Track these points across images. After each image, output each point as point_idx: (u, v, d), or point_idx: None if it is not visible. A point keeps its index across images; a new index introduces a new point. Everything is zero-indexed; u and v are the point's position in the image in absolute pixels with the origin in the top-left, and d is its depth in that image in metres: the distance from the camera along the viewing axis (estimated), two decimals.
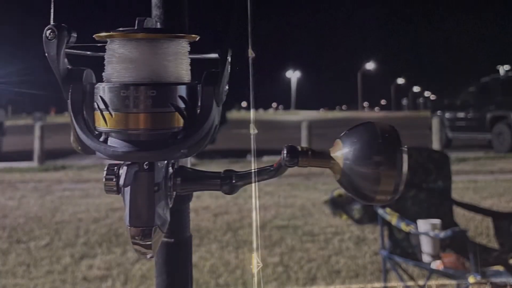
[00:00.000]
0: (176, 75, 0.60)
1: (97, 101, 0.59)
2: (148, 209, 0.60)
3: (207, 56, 0.66)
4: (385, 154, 0.57)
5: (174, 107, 0.59)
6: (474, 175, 8.22)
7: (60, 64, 0.60)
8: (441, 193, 3.23)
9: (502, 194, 6.51)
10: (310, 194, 6.58)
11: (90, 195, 6.68)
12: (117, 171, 0.62)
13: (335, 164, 0.60)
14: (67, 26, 0.60)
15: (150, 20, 0.62)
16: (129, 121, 0.58)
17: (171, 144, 0.59)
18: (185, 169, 0.66)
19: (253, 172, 0.64)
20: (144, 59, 0.59)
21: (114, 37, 0.59)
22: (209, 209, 5.64)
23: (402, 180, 0.58)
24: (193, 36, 0.62)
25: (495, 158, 10.70)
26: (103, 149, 0.59)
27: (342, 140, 0.60)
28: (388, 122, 0.60)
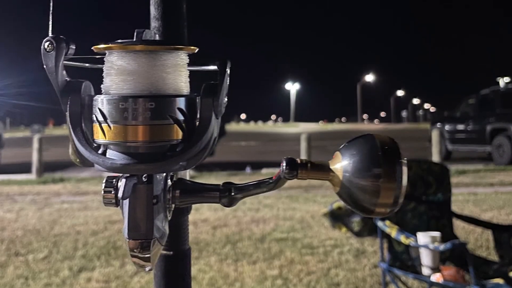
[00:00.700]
0: (175, 87, 0.60)
1: (96, 113, 0.59)
2: (146, 222, 0.60)
3: (206, 68, 0.66)
4: (385, 166, 0.57)
5: (173, 119, 0.59)
6: (474, 188, 8.21)
7: (58, 76, 0.60)
8: (441, 206, 3.22)
9: (502, 206, 6.50)
10: (309, 207, 6.57)
11: (88, 207, 6.67)
12: (116, 184, 0.62)
13: (334, 177, 0.60)
14: (65, 38, 0.60)
15: (148, 32, 0.62)
16: (127, 134, 0.58)
17: (170, 156, 0.59)
18: (184, 181, 0.66)
19: (252, 185, 0.64)
20: (143, 71, 0.59)
21: (112, 49, 0.59)
22: (208, 222, 5.63)
23: (402, 193, 0.57)
24: (192, 48, 0.62)
25: (495, 170, 10.70)
26: (102, 161, 0.58)
27: (341, 153, 0.60)
28: (387, 134, 0.60)
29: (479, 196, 7.35)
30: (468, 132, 13.37)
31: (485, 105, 12.99)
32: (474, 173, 10.09)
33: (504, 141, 12.12)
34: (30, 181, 9.48)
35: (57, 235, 5.13)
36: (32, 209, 6.58)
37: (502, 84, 14.28)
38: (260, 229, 5.33)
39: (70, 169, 10.90)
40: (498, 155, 12.25)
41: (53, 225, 5.61)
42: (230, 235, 5.06)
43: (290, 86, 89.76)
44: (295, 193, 7.68)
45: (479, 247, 4.45)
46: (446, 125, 14.23)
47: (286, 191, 7.64)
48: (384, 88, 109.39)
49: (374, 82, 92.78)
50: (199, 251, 4.48)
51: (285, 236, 5.02)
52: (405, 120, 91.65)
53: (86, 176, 9.78)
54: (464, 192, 7.62)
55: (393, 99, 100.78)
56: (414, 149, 13.93)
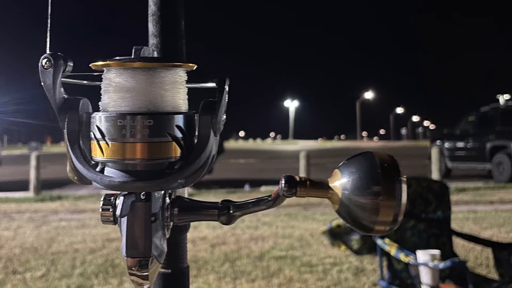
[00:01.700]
0: (173, 104, 0.60)
1: (94, 130, 0.59)
2: (145, 240, 0.60)
3: (205, 85, 0.66)
4: (384, 184, 0.56)
5: (171, 137, 0.59)
6: (473, 205, 8.19)
7: (56, 93, 0.60)
8: (441, 224, 3.21)
9: (502, 224, 6.48)
10: (308, 225, 6.55)
11: (86, 225, 6.64)
12: (114, 201, 0.62)
13: (333, 194, 0.59)
14: (63, 55, 0.60)
15: (147, 49, 0.62)
16: (126, 151, 0.58)
17: (168, 174, 0.59)
18: (182, 199, 0.66)
19: (251, 202, 0.64)
20: (141, 88, 0.59)
21: (110, 66, 0.59)
22: (206, 240, 5.61)
23: (401, 210, 0.57)
24: (190, 65, 0.62)
25: (495, 188, 10.69)
26: (100, 179, 0.58)
27: (340, 170, 0.60)
28: (387, 152, 0.59)
29: (479, 213, 7.33)
30: (468, 149, 13.36)
31: (485, 123, 12.99)
32: (474, 190, 10.08)
33: (504, 158, 12.11)
34: (27, 199, 9.45)
35: (54, 253, 5.10)
36: (29, 227, 6.55)
37: (502, 101, 14.27)
38: (258, 247, 5.31)
39: (68, 187, 10.88)
40: (498, 172, 12.24)
41: (50, 243, 5.58)
42: (229, 253, 5.04)
43: (289, 103, 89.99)
44: (294, 211, 7.66)
45: (479, 265, 4.43)
46: (446, 143, 14.23)
47: (285, 209, 7.62)
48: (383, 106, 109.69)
49: (374, 100, 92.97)
50: (198, 269, 4.46)
51: (284, 254, 5.00)
52: (404, 138, 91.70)
53: (84, 193, 9.76)
54: (464, 209, 7.60)
55: (392, 117, 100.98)
56: (414, 166, 13.93)
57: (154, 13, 0.80)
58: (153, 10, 0.80)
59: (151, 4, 0.81)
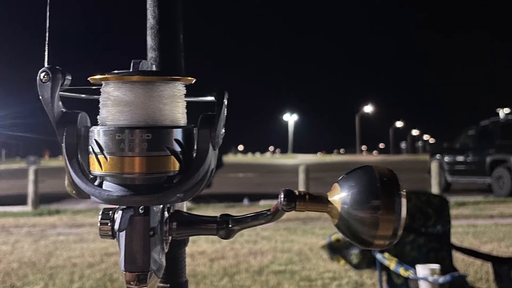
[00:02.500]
0: (172, 118, 0.60)
1: (92, 144, 0.59)
2: (143, 254, 0.59)
3: (204, 99, 0.66)
4: (384, 198, 0.56)
5: (170, 151, 0.58)
6: (473, 220, 8.18)
7: (54, 107, 0.60)
8: (440, 238, 3.20)
9: (502, 238, 6.47)
10: (308, 239, 6.53)
11: (84, 239, 6.61)
12: (112, 216, 0.62)
13: (332, 209, 0.59)
14: (61, 68, 0.60)
15: (145, 62, 0.62)
16: (124, 165, 0.57)
17: (167, 188, 0.58)
18: (181, 213, 0.66)
19: (249, 217, 0.63)
20: (140, 102, 0.58)
21: (109, 79, 0.59)
22: (205, 254, 5.58)
23: (401, 225, 0.57)
24: (189, 79, 0.62)
25: (495, 202, 10.67)
26: (98, 193, 0.58)
27: (340, 184, 0.60)
28: (386, 166, 0.59)
29: (478, 228, 7.31)
30: (468, 163, 13.34)
31: (485, 136, 12.98)
32: (474, 205, 10.06)
33: (504, 172, 12.08)
34: (25, 213, 9.42)
35: (53, 267, 5.08)
36: (27, 241, 6.53)
37: (502, 115, 14.27)
38: (257, 261, 5.29)
39: (66, 201, 10.86)
40: (498, 186, 12.21)
41: (49, 257, 5.56)
42: (228, 267, 5.02)
43: (288, 117, 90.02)
44: (293, 225, 7.64)
45: (479, 279, 4.41)
46: (446, 157, 14.22)
47: (284, 223, 7.60)
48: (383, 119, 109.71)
49: (373, 113, 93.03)
50: (196, 283, 4.43)
51: (283, 268, 4.98)
52: (404, 152, 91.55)
53: (82, 208, 9.73)
54: (463, 224, 7.59)
55: (392, 130, 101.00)
56: (413, 180, 13.92)
57: (153, 27, 0.80)
58: (152, 24, 0.80)
59: (150, 17, 0.81)
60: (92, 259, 5.39)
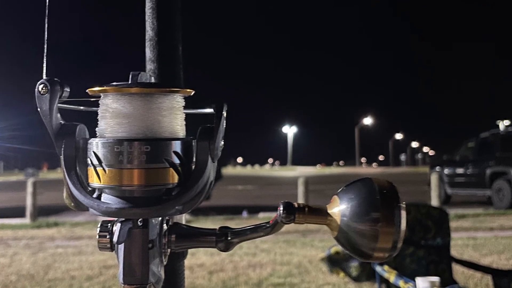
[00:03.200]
0: (171, 130, 0.60)
1: (91, 156, 0.59)
2: (142, 267, 0.59)
3: (202, 111, 0.66)
4: (383, 210, 0.56)
5: (169, 163, 0.58)
6: (473, 232, 8.16)
7: (52, 119, 0.60)
8: (440, 250, 3.19)
9: (502, 251, 6.45)
10: (307, 251, 6.51)
11: (83, 252, 6.59)
12: (111, 228, 0.61)
13: (332, 221, 0.59)
14: (59, 80, 0.60)
15: (144, 74, 0.62)
16: (123, 177, 0.57)
17: (166, 200, 0.58)
18: (180, 225, 0.65)
19: (249, 229, 0.63)
20: (138, 114, 0.58)
21: (107, 91, 0.59)
22: (204, 267, 5.56)
23: (401, 237, 0.57)
24: (188, 91, 0.62)
25: (495, 214, 10.64)
26: (97, 205, 0.58)
27: (339, 197, 0.59)
28: (386, 178, 0.59)
29: (478, 240, 7.29)
30: (468, 175, 13.32)
31: (485, 149, 12.95)
32: (474, 217, 10.04)
33: (504, 185, 12.05)
34: (24, 226, 9.39)
35: (51, 280, 5.05)
36: (26, 254, 6.50)
37: (502, 127, 14.26)
38: (257, 274, 5.27)
39: (65, 213, 10.82)
40: (498, 199, 12.17)
41: (47, 270, 5.54)
42: (227, 280, 4.99)
43: (287, 129, 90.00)
44: (292, 237, 7.61)
45: None
46: (445, 169, 14.20)
47: (283, 236, 7.58)
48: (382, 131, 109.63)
49: (372, 125, 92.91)
50: None
51: (283, 281, 4.96)
52: (403, 164, 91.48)
53: (80, 220, 9.70)
54: (463, 236, 7.57)
55: (391, 143, 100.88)
56: (413, 193, 13.90)
57: (152, 39, 0.80)
58: (150, 36, 0.80)
59: (148, 29, 0.81)
60: (91, 272, 5.37)
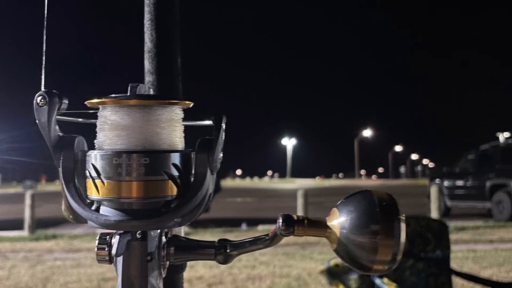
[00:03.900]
0: (170, 142, 0.60)
1: (89, 169, 0.59)
2: (141, 279, 0.59)
3: (201, 123, 0.66)
4: (383, 223, 0.56)
5: (168, 175, 0.58)
6: (473, 244, 8.14)
7: (51, 131, 0.60)
8: (440, 263, 3.18)
9: (502, 263, 6.43)
10: (306, 264, 6.49)
11: (81, 264, 6.57)
12: (110, 240, 0.61)
13: (331, 233, 0.59)
14: (58, 92, 0.60)
15: (143, 86, 0.62)
16: (121, 190, 0.57)
17: (165, 213, 0.58)
18: (179, 238, 0.65)
19: (248, 242, 0.63)
20: (137, 126, 0.58)
21: (106, 103, 0.59)
22: (203, 279, 5.54)
23: (400, 250, 0.57)
24: (187, 103, 0.62)
25: (495, 227, 10.61)
26: (95, 218, 0.58)
27: (338, 209, 0.59)
28: (385, 190, 0.59)
29: (478, 253, 7.27)
30: (468, 188, 13.29)
31: (485, 161, 12.93)
32: (474, 229, 10.02)
33: (504, 197, 12.02)
34: (22, 238, 9.36)
35: None
36: (24, 266, 6.48)
37: (502, 139, 14.28)
38: (256, 286, 5.25)
39: (63, 226, 10.79)
40: (498, 211, 12.14)
41: (45, 282, 5.51)
42: None
43: (287, 142, 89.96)
44: (291, 250, 7.59)
45: None
46: (445, 181, 14.17)
47: (282, 248, 7.56)
48: (382, 144, 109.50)
49: (372, 137, 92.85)
50: None
51: None
52: (403, 176, 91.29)
53: (79, 232, 9.67)
54: (463, 249, 7.55)
55: (391, 155, 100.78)
56: (413, 205, 13.89)
57: (150, 50, 0.81)
58: (149, 47, 0.81)
59: (147, 41, 0.81)
60: (89, 285, 5.34)
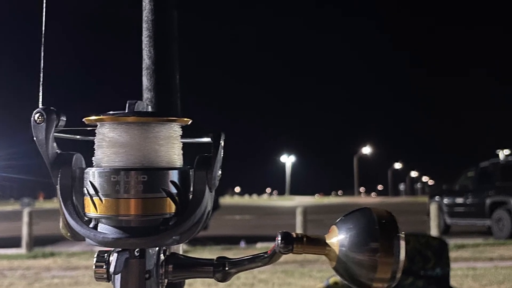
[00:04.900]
0: (168, 159, 0.60)
1: (87, 186, 0.58)
2: None
3: (200, 140, 0.65)
4: (382, 240, 0.56)
5: (166, 193, 0.58)
6: (473, 262, 8.10)
7: (49, 148, 0.60)
8: (440, 281, 3.17)
9: (502, 281, 6.40)
10: (305, 282, 6.45)
11: (79, 282, 6.53)
12: (108, 258, 0.61)
13: (330, 251, 0.59)
14: (55, 109, 0.60)
15: (141, 103, 0.62)
16: (119, 207, 0.57)
17: (163, 230, 0.58)
18: (177, 256, 0.65)
19: (246, 259, 0.63)
20: (135, 143, 0.58)
21: (104, 120, 0.59)
22: None
23: (400, 267, 0.57)
24: (185, 120, 0.62)
25: (495, 244, 10.58)
26: (93, 235, 0.57)
27: (338, 226, 0.59)
28: (385, 208, 0.59)
29: (478, 271, 7.24)
30: (467, 205, 13.25)
31: (485, 178, 12.90)
32: (473, 247, 9.98)
33: (504, 214, 11.98)
34: (19, 256, 9.31)
35: None
36: (22, 284, 6.44)
37: (502, 157, 14.25)
38: None
39: (61, 243, 10.74)
40: (498, 229, 12.10)
41: None
42: None
43: (286, 159, 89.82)
44: (290, 267, 7.56)
45: None
46: (445, 199, 14.14)
47: (281, 266, 7.52)
48: (381, 161, 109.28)
49: (371, 155, 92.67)
50: None
51: None
52: (402, 193, 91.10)
53: (77, 250, 9.63)
54: (463, 266, 7.51)
55: (390, 172, 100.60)
56: (412, 223, 13.84)
57: (149, 67, 0.81)
58: (148, 64, 0.81)
59: (145, 57, 0.81)
60: None
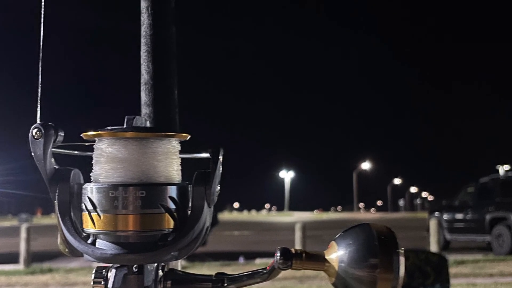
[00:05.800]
0: (166, 175, 0.60)
1: (85, 202, 0.58)
2: None
3: (199, 156, 0.65)
4: (382, 256, 0.56)
5: (164, 208, 0.58)
6: (473, 278, 8.07)
7: (47, 164, 0.59)
8: None
9: None
10: None
11: None
12: (106, 274, 0.61)
13: (330, 267, 0.59)
14: (53, 124, 0.60)
15: (139, 118, 0.62)
16: (118, 223, 0.57)
17: (161, 246, 0.58)
18: (176, 272, 0.65)
19: (245, 275, 0.62)
20: (134, 158, 0.58)
21: (102, 136, 0.59)
22: None
23: (399, 283, 0.56)
24: (183, 135, 0.62)
25: (495, 260, 10.54)
26: (91, 251, 0.57)
27: (337, 242, 0.59)
28: (384, 224, 0.59)
29: (478, 287, 7.21)
30: (467, 221, 13.22)
31: (485, 194, 12.88)
32: (473, 263, 9.94)
33: (504, 230, 11.95)
34: (17, 272, 9.27)
35: None
36: None
37: (502, 172, 14.23)
38: None
39: (59, 259, 10.69)
40: (498, 244, 12.05)
41: None
42: None
43: (285, 174, 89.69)
44: (289, 283, 7.52)
45: None
46: (445, 214, 14.11)
47: (280, 282, 7.49)
48: (380, 176, 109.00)
49: (371, 170, 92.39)
50: None
51: None
52: (402, 209, 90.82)
53: (75, 266, 9.59)
54: (463, 282, 7.48)
55: (390, 188, 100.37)
56: (412, 238, 13.79)
57: (147, 82, 0.81)
58: (146, 79, 0.81)
59: (144, 73, 0.81)
60: None
